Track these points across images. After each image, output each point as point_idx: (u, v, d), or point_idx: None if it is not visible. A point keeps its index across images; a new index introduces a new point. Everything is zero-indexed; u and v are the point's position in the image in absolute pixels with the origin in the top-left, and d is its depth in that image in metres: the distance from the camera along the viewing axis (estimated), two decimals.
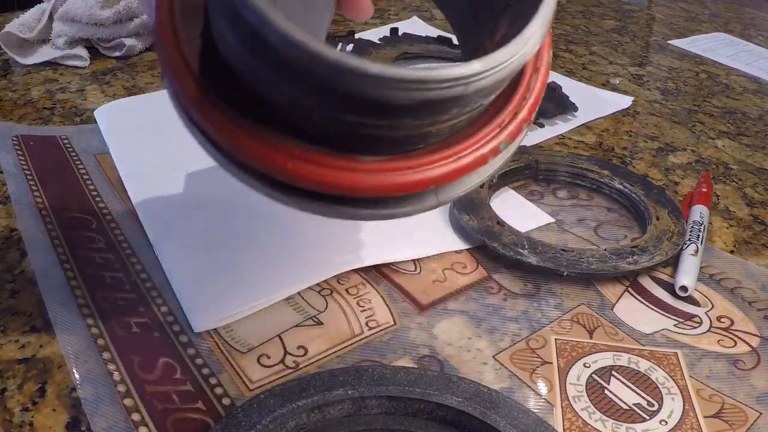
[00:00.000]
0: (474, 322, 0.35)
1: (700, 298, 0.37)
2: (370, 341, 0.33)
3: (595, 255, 0.38)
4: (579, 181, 0.47)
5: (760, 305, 0.37)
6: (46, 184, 0.43)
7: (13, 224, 0.39)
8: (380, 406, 0.28)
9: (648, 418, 0.30)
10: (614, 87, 0.67)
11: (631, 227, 0.43)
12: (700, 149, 0.56)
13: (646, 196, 0.44)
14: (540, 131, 0.55)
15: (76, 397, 0.29)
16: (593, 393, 0.31)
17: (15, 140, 0.47)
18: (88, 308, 0.33)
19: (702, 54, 0.81)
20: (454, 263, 0.39)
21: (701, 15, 1.01)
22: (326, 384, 0.28)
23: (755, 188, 0.50)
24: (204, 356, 0.31)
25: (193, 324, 0.33)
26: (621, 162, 0.52)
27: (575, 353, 0.33)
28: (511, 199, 0.45)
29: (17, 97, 0.55)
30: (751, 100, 0.68)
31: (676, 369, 0.32)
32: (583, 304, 0.36)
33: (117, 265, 0.36)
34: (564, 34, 0.85)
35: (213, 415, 0.28)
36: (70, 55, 0.62)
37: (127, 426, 0.27)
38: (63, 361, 0.30)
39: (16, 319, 0.33)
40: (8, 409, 0.28)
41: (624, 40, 0.84)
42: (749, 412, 0.30)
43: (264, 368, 0.31)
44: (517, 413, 0.27)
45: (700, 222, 0.42)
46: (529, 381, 0.31)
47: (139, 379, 0.30)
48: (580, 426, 0.29)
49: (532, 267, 0.37)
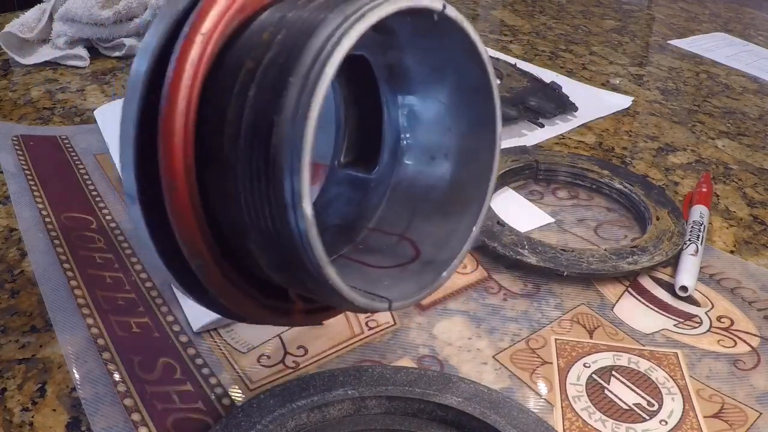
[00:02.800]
0: (474, 322, 0.35)
1: (700, 298, 0.37)
2: (370, 341, 0.33)
3: (595, 255, 0.38)
4: (579, 181, 0.47)
5: (760, 305, 0.37)
6: (46, 184, 0.43)
7: (13, 224, 0.39)
8: (380, 406, 0.28)
9: (648, 418, 0.30)
10: (614, 87, 0.67)
11: (631, 227, 0.43)
12: (700, 149, 0.56)
13: (646, 196, 0.44)
14: (540, 131, 0.55)
15: (76, 397, 0.29)
16: (593, 393, 0.31)
17: (15, 140, 0.47)
18: (88, 308, 0.33)
19: (702, 54, 0.81)
20: None
21: (701, 15, 1.01)
22: (326, 384, 0.28)
23: (755, 188, 0.50)
24: (204, 356, 0.31)
25: (192, 324, 0.33)
26: (621, 162, 0.52)
27: (575, 353, 0.33)
28: (511, 199, 0.45)
29: (17, 97, 0.55)
30: (751, 100, 0.68)
31: (676, 369, 0.32)
32: (583, 304, 0.36)
33: (117, 265, 0.36)
34: (564, 34, 0.85)
35: (213, 415, 0.28)
36: (70, 55, 0.62)
37: (127, 426, 0.27)
38: (63, 361, 0.30)
39: (16, 319, 0.33)
40: (8, 409, 0.28)
41: (624, 40, 0.84)
42: (749, 412, 0.30)
43: (264, 368, 0.31)
44: (517, 413, 0.27)
45: (700, 222, 0.42)
46: (529, 381, 0.31)
47: (139, 379, 0.30)
48: (580, 426, 0.29)
49: (532, 267, 0.37)
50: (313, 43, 0.19)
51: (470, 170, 0.26)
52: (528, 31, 0.84)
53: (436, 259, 0.26)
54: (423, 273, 0.26)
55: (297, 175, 0.18)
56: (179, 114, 0.19)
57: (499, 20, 0.89)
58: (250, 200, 0.20)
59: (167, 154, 0.19)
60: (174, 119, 0.19)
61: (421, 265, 0.27)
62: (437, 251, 0.27)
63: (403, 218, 0.29)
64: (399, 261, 0.27)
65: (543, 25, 0.88)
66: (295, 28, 0.20)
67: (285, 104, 0.18)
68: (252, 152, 0.19)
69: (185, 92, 0.20)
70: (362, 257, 0.28)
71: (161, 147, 0.20)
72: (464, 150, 0.27)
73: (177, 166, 0.20)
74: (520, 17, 0.91)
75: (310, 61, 0.19)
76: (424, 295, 0.25)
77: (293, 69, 0.19)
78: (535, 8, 0.97)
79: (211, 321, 0.33)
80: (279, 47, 0.20)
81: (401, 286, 0.25)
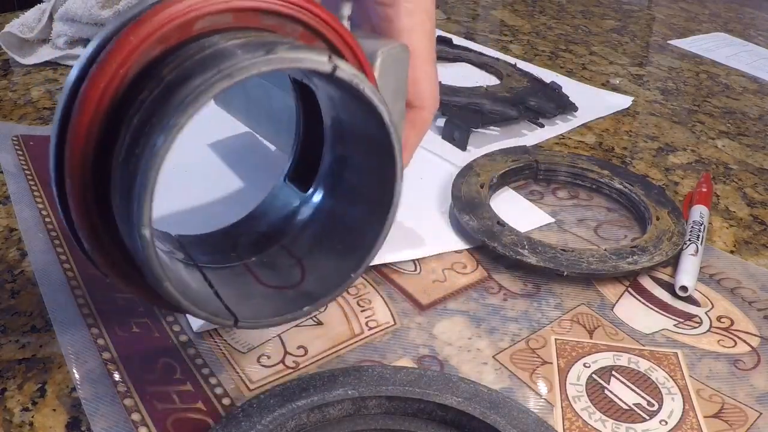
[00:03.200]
0: (474, 322, 0.35)
1: (700, 298, 0.37)
2: (370, 341, 0.33)
3: (595, 255, 0.38)
4: (579, 181, 0.47)
5: (760, 305, 0.37)
6: (46, 184, 0.43)
7: (13, 224, 0.39)
8: (380, 406, 0.28)
9: (648, 418, 0.30)
10: (614, 87, 0.67)
11: (631, 227, 0.43)
12: (700, 149, 0.56)
13: (646, 196, 0.44)
14: (540, 131, 0.55)
15: (76, 397, 0.29)
16: (593, 393, 0.31)
17: (15, 140, 0.47)
18: (88, 308, 0.33)
19: (702, 54, 0.81)
20: (454, 263, 0.39)
21: (701, 15, 1.01)
22: (326, 384, 0.28)
23: (755, 188, 0.50)
24: (204, 356, 0.31)
25: (192, 323, 0.33)
26: (621, 162, 0.52)
27: (575, 353, 0.33)
28: (511, 199, 0.45)
29: (17, 97, 0.55)
30: (751, 100, 0.68)
31: (676, 369, 0.32)
32: (583, 304, 0.36)
33: None
34: (564, 34, 0.85)
35: (213, 415, 0.28)
36: (70, 55, 0.62)
37: (127, 426, 0.27)
38: (63, 361, 0.30)
39: (16, 319, 0.33)
40: (8, 409, 0.28)
41: (624, 40, 0.84)
42: (749, 412, 0.30)
43: (264, 368, 0.31)
44: (517, 413, 0.27)
45: (700, 222, 0.42)
46: (529, 381, 0.31)
47: (139, 379, 0.30)
48: (580, 426, 0.29)
49: (532, 267, 0.37)
50: (182, 91, 0.21)
51: (372, 220, 0.28)
52: (528, 31, 0.85)
53: (312, 293, 0.28)
54: (293, 301, 0.28)
55: (141, 203, 0.21)
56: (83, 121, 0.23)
57: (499, 20, 0.89)
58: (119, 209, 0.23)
59: (70, 150, 0.23)
60: (79, 125, 0.23)
61: (296, 293, 0.29)
62: (317, 285, 0.29)
63: (308, 245, 0.31)
64: (282, 283, 0.29)
65: (543, 25, 0.88)
66: (183, 71, 0.23)
67: (146, 141, 0.21)
68: (123, 170, 0.22)
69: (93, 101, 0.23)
70: (258, 270, 0.30)
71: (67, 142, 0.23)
72: (373, 200, 0.28)
73: (75, 162, 0.23)
74: (520, 17, 0.91)
75: (171, 110, 0.21)
76: (273, 322, 0.28)
77: (159, 112, 0.22)
78: (535, 8, 0.97)
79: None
80: (164, 86, 0.22)
81: (265, 307, 0.28)
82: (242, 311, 0.26)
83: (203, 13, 0.24)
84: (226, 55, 0.22)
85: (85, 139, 0.23)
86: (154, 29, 0.23)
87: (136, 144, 0.22)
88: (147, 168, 0.21)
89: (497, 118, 0.54)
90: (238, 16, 0.25)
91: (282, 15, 0.25)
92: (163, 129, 0.21)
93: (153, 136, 0.21)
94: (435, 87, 0.32)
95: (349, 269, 0.28)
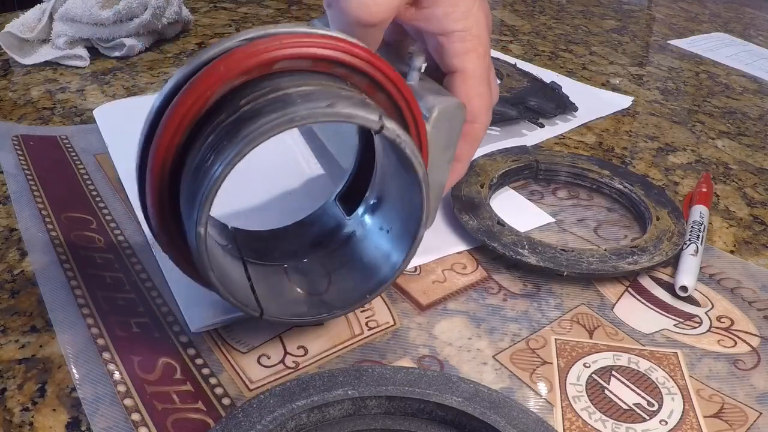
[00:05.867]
0: (474, 322, 0.35)
1: (700, 298, 0.37)
2: (370, 341, 0.33)
3: (595, 255, 0.38)
4: (579, 181, 0.47)
5: (760, 305, 0.37)
6: (46, 184, 0.43)
7: (13, 224, 0.39)
8: (380, 406, 0.28)
9: (648, 418, 0.30)
10: (614, 87, 0.67)
11: (631, 227, 0.43)
12: (700, 149, 0.56)
13: (646, 196, 0.44)
14: (540, 131, 0.55)
15: (76, 397, 0.29)
16: (593, 393, 0.31)
17: (15, 140, 0.47)
18: (88, 308, 0.33)
19: (702, 54, 0.81)
20: (454, 263, 0.39)
21: (701, 15, 1.01)
22: (326, 384, 0.28)
23: (755, 188, 0.50)
24: (204, 356, 0.31)
25: (189, 322, 0.33)
26: (621, 162, 0.52)
27: (575, 353, 0.33)
28: (511, 199, 0.45)
29: (17, 97, 0.55)
30: (751, 100, 0.68)
31: (676, 369, 0.32)
32: (583, 304, 0.36)
33: (117, 265, 0.36)
34: (564, 34, 0.85)
35: (213, 415, 0.28)
36: (70, 55, 0.62)
37: (127, 426, 0.27)
38: (63, 361, 0.30)
39: (16, 319, 0.33)
40: (8, 409, 0.28)
41: (624, 40, 0.84)
42: (749, 412, 0.30)
43: (264, 368, 0.31)
44: (517, 413, 0.27)
45: (700, 222, 0.42)
46: (529, 381, 0.31)
47: (139, 379, 0.30)
48: (580, 426, 0.29)
49: (532, 267, 0.37)
50: (250, 126, 0.25)
51: (394, 254, 0.32)
52: (528, 31, 0.85)
53: (331, 303, 0.32)
54: (314, 307, 0.32)
55: (201, 209, 0.25)
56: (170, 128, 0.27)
57: (499, 20, 0.89)
58: (184, 208, 0.27)
59: (152, 162, 0.27)
60: (165, 132, 0.27)
61: (319, 301, 0.32)
62: (337, 297, 0.32)
63: (339, 261, 0.34)
64: (310, 290, 0.33)
65: (543, 25, 0.88)
66: (256, 105, 0.26)
67: (215, 159, 0.25)
68: (193, 179, 0.26)
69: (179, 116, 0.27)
70: (293, 274, 0.34)
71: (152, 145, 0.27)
72: (397, 238, 0.32)
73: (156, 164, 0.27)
74: (520, 17, 0.91)
75: (239, 140, 0.25)
76: (293, 322, 0.32)
77: (230, 136, 0.25)
78: (535, 8, 0.97)
79: (210, 323, 0.33)
80: (238, 116, 0.26)
81: (290, 307, 0.32)
82: (270, 307, 0.30)
83: (284, 55, 0.27)
84: (294, 100, 0.26)
85: (167, 144, 0.27)
86: (240, 62, 0.26)
87: (206, 160, 0.26)
88: (210, 185, 0.25)
89: (497, 118, 0.54)
90: (314, 63, 0.28)
91: (352, 67, 0.28)
92: (228, 155, 0.25)
93: (221, 155, 0.25)
94: (487, 105, 0.35)
95: (367, 291, 0.32)
